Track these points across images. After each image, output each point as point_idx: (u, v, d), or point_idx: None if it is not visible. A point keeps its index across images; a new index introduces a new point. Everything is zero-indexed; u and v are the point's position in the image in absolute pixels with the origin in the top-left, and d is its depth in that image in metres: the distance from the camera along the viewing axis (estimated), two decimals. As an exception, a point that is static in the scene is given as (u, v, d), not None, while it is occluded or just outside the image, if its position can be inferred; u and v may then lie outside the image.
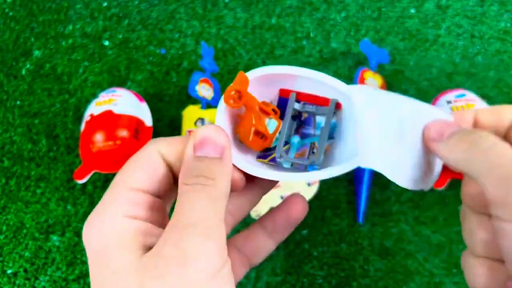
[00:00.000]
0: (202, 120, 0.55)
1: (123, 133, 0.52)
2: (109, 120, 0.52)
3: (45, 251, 0.53)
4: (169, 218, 0.21)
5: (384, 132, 0.22)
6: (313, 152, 0.25)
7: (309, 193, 0.53)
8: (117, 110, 0.53)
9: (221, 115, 0.25)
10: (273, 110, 0.25)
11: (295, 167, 0.25)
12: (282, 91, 0.26)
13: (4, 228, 0.54)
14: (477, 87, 0.60)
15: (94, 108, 0.54)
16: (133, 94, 0.56)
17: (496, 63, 0.62)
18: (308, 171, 0.24)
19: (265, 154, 0.26)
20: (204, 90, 0.57)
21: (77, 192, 0.56)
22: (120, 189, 0.21)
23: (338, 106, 0.25)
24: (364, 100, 0.22)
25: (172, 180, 0.23)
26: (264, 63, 0.63)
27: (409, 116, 0.22)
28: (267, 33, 0.66)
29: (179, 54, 0.64)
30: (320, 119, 0.25)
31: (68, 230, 0.54)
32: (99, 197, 0.59)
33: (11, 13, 0.69)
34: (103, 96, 0.55)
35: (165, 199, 0.23)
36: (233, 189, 0.22)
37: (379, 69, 0.61)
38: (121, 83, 0.62)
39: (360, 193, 0.53)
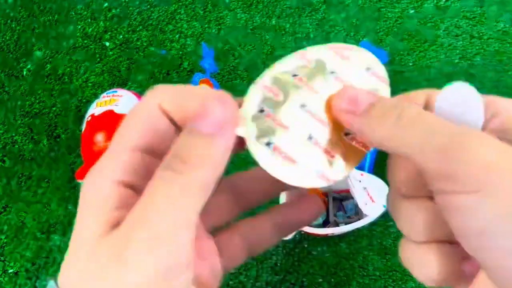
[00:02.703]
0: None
1: (124, 133, 0.52)
2: (110, 120, 0.52)
3: (46, 250, 0.53)
4: None
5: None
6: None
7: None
8: (118, 110, 0.53)
9: None
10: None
11: None
12: None
13: (6, 228, 0.55)
14: (476, 87, 0.60)
15: (95, 109, 0.54)
16: (134, 94, 0.57)
17: (495, 64, 0.63)
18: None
19: None
20: (205, 90, 0.57)
21: (78, 192, 0.56)
22: (119, 149, 0.18)
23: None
24: None
25: (173, 133, 0.19)
26: (264, 64, 0.63)
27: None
28: (267, 34, 0.66)
29: (179, 55, 0.65)
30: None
31: (69, 230, 0.54)
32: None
33: (12, 14, 0.69)
34: (104, 97, 0.55)
35: (161, 153, 0.20)
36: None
37: (379, 69, 0.61)
38: (122, 84, 0.63)
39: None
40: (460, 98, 0.19)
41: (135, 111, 0.19)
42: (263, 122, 0.20)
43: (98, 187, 0.18)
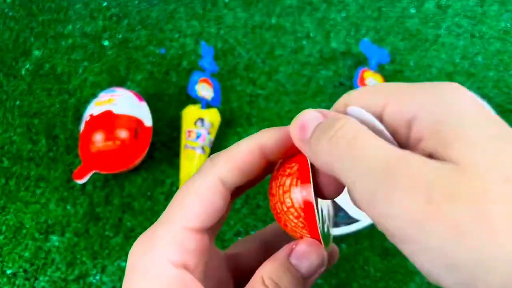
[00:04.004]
0: (202, 120, 0.55)
1: (123, 133, 0.52)
2: (108, 120, 0.52)
3: (45, 251, 0.53)
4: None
5: None
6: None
7: None
8: (116, 110, 0.53)
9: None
10: None
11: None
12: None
13: (4, 228, 0.54)
14: (477, 87, 0.60)
15: (94, 108, 0.54)
16: (132, 94, 0.56)
17: (496, 63, 0.62)
18: None
19: None
20: (204, 90, 0.57)
21: (77, 192, 0.56)
22: (172, 226, 0.19)
23: None
24: None
25: (226, 207, 0.21)
26: (264, 63, 0.63)
27: None
28: (267, 33, 0.65)
29: (178, 54, 0.64)
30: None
31: (68, 231, 0.54)
32: (99, 197, 0.59)
33: (10, 13, 0.69)
34: (103, 96, 0.55)
35: (213, 232, 0.22)
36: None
37: (379, 69, 0.61)
38: (121, 83, 0.62)
39: None
40: (364, 118, 0.18)
41: (194, 184, 0.20)
42: None
43: (156, 266, 0.19)
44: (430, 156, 0.15)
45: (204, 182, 0.20)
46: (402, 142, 0.17)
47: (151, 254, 0.19)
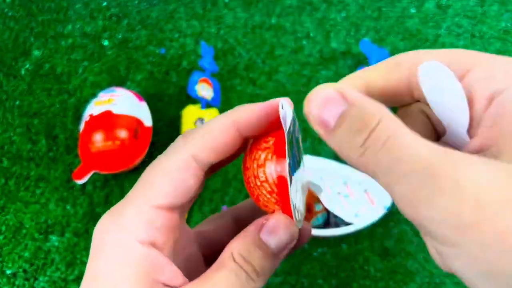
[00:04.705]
0: (201, 120, 0.55)
1: (123, 133, 0.52)
2: (108, 120, 0.52)
3: (45, 251, 0.53)
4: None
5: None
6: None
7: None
8: (116, 110, 0.53)
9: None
10: None
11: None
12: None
13: (4, 228, 0.54)
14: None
15: (94, 108, 0.54)
16: (132, 94, 0.56)
17: (497, 63, 0.62)
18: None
19: None
20: (204, 90, 0.57)
21: (77, 192, 0.56)
22: (144, 205, 0.19)
23: None
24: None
25: (200, 186, 0.21)
26: (264, 63, 0.63)
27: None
28: (267, 33, 0.65)
29: (178, 54, 0.64)
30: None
31: (67, 231, 0.54)
32: (99, 198, 0.59)
33: (10, 13, 0.69)
34: (103, 96, 0.55)
35: (183, 209, 0.21)
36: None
37: (379, 69, 0.60)
38: (121, 83, 0.62)
39: None
40: (440, 77, 0.16)
41: (163, 161, 0.20)
42: None
43: (123, 246, 0.18)
44: (485, 145, 0.14)
45: (175, 159, 0.19)
46: (474, 115, 0.15)
47: (118, 234, 0.18)
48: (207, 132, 0.20)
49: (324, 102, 0.16)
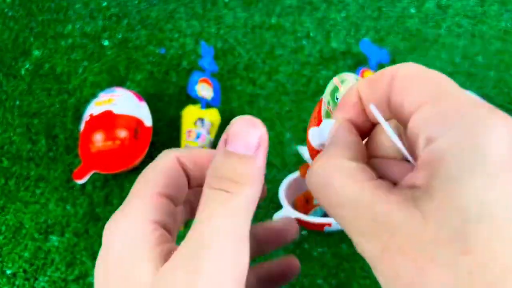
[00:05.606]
0: (201, 120, 0.55)
1: (123, 133, 0.52)
2: (108, 120, 0.52)
3: (45, 251, 0.53)
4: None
5: None
6: None
7: None
8: (116, 110, 0.53)
9: None
10: None
11: None
12: None
13: (4, 228, 0.54)
14: (478, 87, 0.60)
15: (94, 108, 0.54)
16: (132, 94, 0.56)
17: (496, 63, 0.62)
18: None
19: None
20: (204, 90, 0.57)
21: (77, 192, 0.55)
22: (147, 193, 0.20)
23: None
24: None
25: (187, 185, 0.22)
26: (264, 63, 0.63)
27: None
28: (267, 33, 0.65)
29: (178, 54, 0.64)
30: None
31: (67, 231, 0.54)
32: (99, 198, 0.59)
33: (10, 13, 0.69)
34: (103, 96, 0.55)
35: (177, 203, 0.22)
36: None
37: (379, 68, 0.60)
38: (121, 83, 0.62)
39: None
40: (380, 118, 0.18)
41: (156, 162, 0.21)
42: None
43: (135, 227, 0.18)
44: (419, 184, 0.15)
45: (160, 159, 0.21)
46: (416, 152, 0.16)
47: (127, 218, 0.19)
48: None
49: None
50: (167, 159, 0.21)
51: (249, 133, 0.18)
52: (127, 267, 0.18)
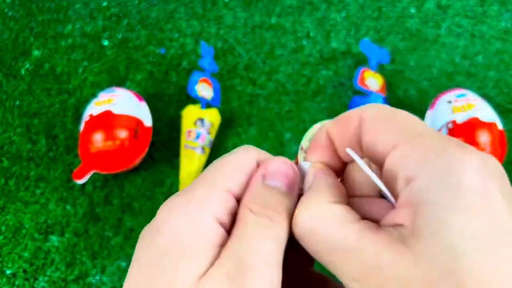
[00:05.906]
0: (201, 120, 0.55)
1: (123, 133, 0.52)
2: (108, 120, 0.52)
3: (45, 251, 0.53)
4: None
5: None
6: None
7: None
8: (116, 110, 0.53)
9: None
10: None
11: None
12: None
13: (3, 228, 0.54)
14: (478, 87, 0.60)
15: (94, 108, 0.54)
16: (132, 94, 0.56)
17: (497, 63, 0.62)
18: None
19: None
20: (204, 90, 0.57)
21: (77, 192, 0.55)
22: (222, 188, 0.19)
23: None
24: None
25: None
26: (264, 63, 0.63)
27: None
28: (267, 33, 0.65)
29: (178, 54, 0.64)
30: None
31: (67, 231, 0.54)
32: (98, 197, 0.59)
33: (10, 13, 0.69)
34: (103, 96, 0.55)
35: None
36: None
37: (379, 69, 0.60)
38: (121, 83, 0.62)
39: None
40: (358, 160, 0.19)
41: (237, 156, 0.20)
42: None
43: (200, 223, 0.18)
44: (401, 222, 0.15)
45: (242, 156, 0.20)
46: (395, 191, 0.17)
47: (188, 207, 0.18)
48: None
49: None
50: (248, 158, 0.20)
51: (291, 173, 0.20)
52: (175, 259, 0.17)
